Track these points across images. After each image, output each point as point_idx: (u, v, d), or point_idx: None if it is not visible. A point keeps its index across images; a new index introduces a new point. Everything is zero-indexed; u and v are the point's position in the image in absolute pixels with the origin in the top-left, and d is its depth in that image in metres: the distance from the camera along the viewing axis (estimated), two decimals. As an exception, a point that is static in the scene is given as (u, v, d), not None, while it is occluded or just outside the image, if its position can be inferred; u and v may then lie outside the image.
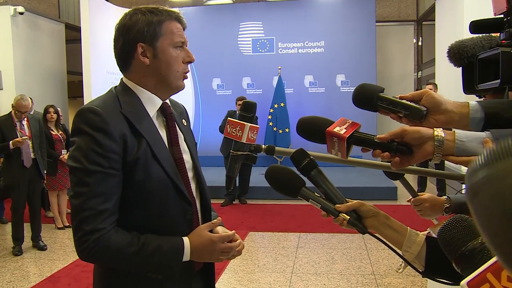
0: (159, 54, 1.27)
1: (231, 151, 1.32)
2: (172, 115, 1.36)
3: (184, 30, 1.33)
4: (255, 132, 1.33)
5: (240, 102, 6.36)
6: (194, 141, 1.47)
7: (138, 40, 1.26)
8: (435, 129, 0.97)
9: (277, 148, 1.28)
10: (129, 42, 1.27)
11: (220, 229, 1.36)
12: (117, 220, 1.21)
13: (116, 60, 1.32)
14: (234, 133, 1.31)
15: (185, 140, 1.39)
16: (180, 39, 1.29)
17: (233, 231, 1.34)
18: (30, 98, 5.01)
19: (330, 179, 1.12)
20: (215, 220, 1.35)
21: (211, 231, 1.31)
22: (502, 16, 1.23)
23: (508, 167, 0.43)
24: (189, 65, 1.33)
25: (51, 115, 5.56)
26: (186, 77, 1.34)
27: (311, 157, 1.11)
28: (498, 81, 1.17)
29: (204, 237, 1.27)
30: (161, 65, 1.27)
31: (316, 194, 1.11)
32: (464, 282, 0.63)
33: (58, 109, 5.79)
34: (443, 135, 0.95)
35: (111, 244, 1.16)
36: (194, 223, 1.33)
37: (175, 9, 1.36)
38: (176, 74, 1.30)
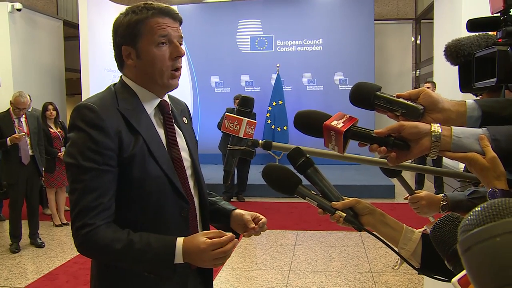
0: (141, 55, 1.25)
1: (228, 145, 1.32)
2: (169, 113, 1.35)
3: (180, 24, 1.30)
4: (252, 127, 1.33)
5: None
6: (194, 139, 1.46)
7: (121, 43, 1.26)
8: (432, 124, 0.97)
9: (274, 143, 1.29)
10: (116, 45, 1.28)
11: (246, 215, 1.37)
12: (111, 215, 1.20)
13: (114, 59, 1.33)
14: (231, 127, 1.32)
15: (184, 138, 1.38)
16: (161, 35, 1.23)
17: (230, 233, 1.22)
18: (29, 95, 5.00)
19: (327, 177, 1.13)
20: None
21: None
22: (498, 14, 1.24)
23: (499, 227, 0.45)
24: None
25: (51, 112, 5.56)
26: (175, 75, 1.29)
27: (308, 155, 1.11)
28: (495, 79, 1.18)
29: (196, 242, 1.19)
30: (146, 65, 1.26)
31: (312, 192, 1.11)
32: (455, 279, 0.64)
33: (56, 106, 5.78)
34: (440, 131, 0.95)
35: (98, 239, 1.17)
36: (190, 221, 1.33)
37: (171, 6, 1.33)
38: (163, 72, 1.26)
